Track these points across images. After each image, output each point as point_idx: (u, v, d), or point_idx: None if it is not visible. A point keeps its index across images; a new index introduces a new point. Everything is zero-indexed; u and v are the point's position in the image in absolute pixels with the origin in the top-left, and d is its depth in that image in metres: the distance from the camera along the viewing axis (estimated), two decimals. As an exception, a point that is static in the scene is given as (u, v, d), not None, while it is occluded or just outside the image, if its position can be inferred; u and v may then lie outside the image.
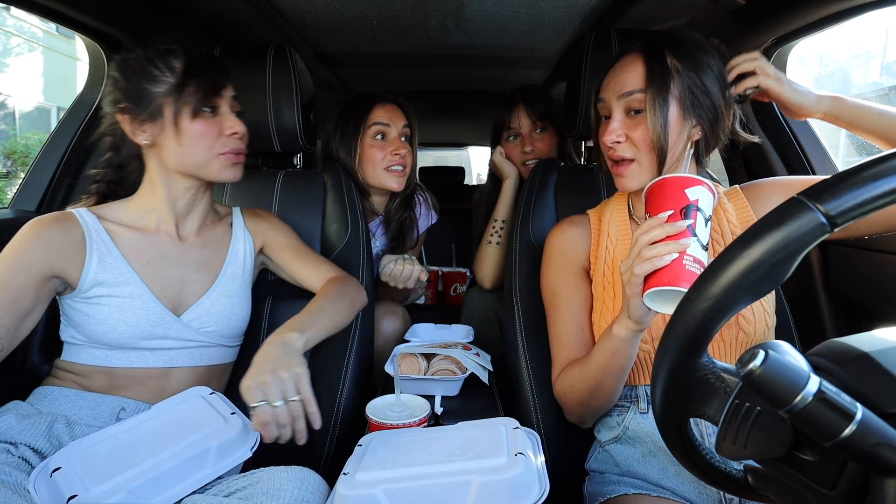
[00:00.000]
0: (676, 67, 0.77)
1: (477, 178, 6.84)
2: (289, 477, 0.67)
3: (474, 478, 0.60)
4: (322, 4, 1.18)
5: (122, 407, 0.83)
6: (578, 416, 0.87)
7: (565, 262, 0.91)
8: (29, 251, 0.78)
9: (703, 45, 0.80)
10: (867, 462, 0.32)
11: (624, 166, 0.82)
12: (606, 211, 0.92)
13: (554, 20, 1.28)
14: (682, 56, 0.78)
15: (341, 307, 0.91)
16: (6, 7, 3.19)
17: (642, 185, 0.80)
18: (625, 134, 0.80)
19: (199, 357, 0.89)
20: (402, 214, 1.42)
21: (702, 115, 0.78)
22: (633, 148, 0.80)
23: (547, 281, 0.93)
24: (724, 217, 0.85)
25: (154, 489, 0.68)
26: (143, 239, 0.88)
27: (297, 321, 0.84)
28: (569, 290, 0.90)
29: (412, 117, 1.37)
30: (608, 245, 0.89)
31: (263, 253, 1.02)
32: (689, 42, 0.80)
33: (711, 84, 0.78)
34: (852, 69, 7.04)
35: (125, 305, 0.82)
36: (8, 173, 8.38)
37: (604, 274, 0.88)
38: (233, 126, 0.87)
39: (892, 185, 0.34)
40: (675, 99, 0.77)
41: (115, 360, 0.83)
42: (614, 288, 0.86)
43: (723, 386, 0.41)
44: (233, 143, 0.87)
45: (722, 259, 0.38)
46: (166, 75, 0.82)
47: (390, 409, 0.87)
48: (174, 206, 0.90)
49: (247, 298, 0.97)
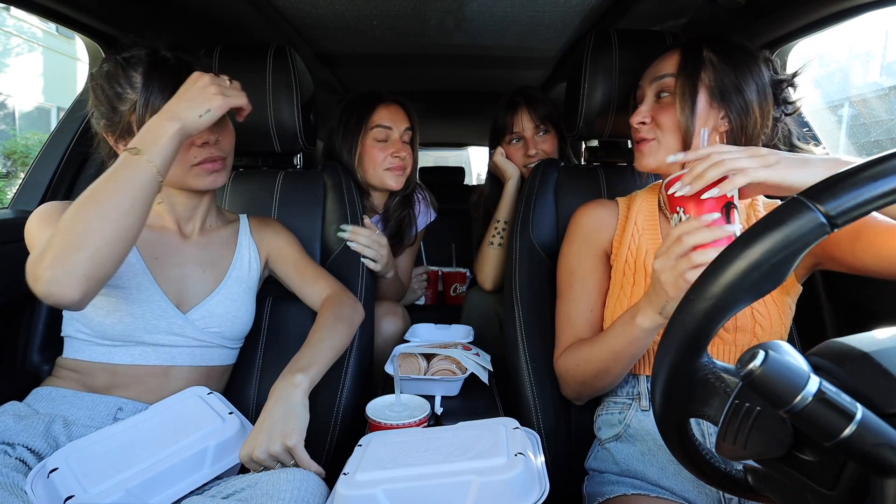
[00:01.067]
0: (711, 59, 0.81)
1: (477, 178, 6.84)
2: (288, 478, 0.67)
3: (474, 478, 0.60)
4: (322, 4, 1.18)
5: (120, 407, 0.83)
6: (576, 394, 0.87)
7: (588, 241, 0.92)
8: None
9: (746, 49, 0.82)
10: (867, 462, 0.32)
11: (644, 144, 0.85)
12: (637, 200, 0.93)
13: (554, 20, 1.27)
14: (720, 52, 0.81)
15: (341, 331, 0.92)
16: (6, 7, 3.20)
17: (659, 163, 0.83)
18: (651, 116, 0.84)
19: (200, 357, 0.89)
20: (401, 212, 1.42)
21: (731, 108, 0.80)
22: (657, 130, 0.83)
23: (565, 258, 0.94)
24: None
25: (152, 489, 0.68)
26: (150, 233, 0.88)
27: (301, 357, 0.85)
28: (587, 270, 0.91)
29: (414, 119, 1.37)
30: (634, 234, 0.89)
31: (268, 263, 1.03)
32: (731, 43, 0.83)
33: (746, 84, 0.79)
34: (852, 69, 7.05)
35: (132, 297, 0.82)
36: (8, 173, 8.38)
37: (626, 261, 0.88)
38: (201, 136, 0.82)
39: (892, 185, 0.34)
40: (705, 87, 0.80)
41: (118, 357, 0.83)
42: (634, 276, 0.86)
43: (723, 386, 0.41)
44: (204, 153, 0.84)
45: (722, 259, 0.38)
46: (127, 92, 0.79)
47: (390, 409, 0.87)
48: (174, 210, 0.91)
49: (251, 303, 0.97)
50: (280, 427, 0.75)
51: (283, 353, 1.05)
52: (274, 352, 1.05)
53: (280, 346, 1.06)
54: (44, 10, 1.01)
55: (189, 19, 1.26)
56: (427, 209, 1.52)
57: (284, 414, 0.76)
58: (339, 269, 1.11)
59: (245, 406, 1.01)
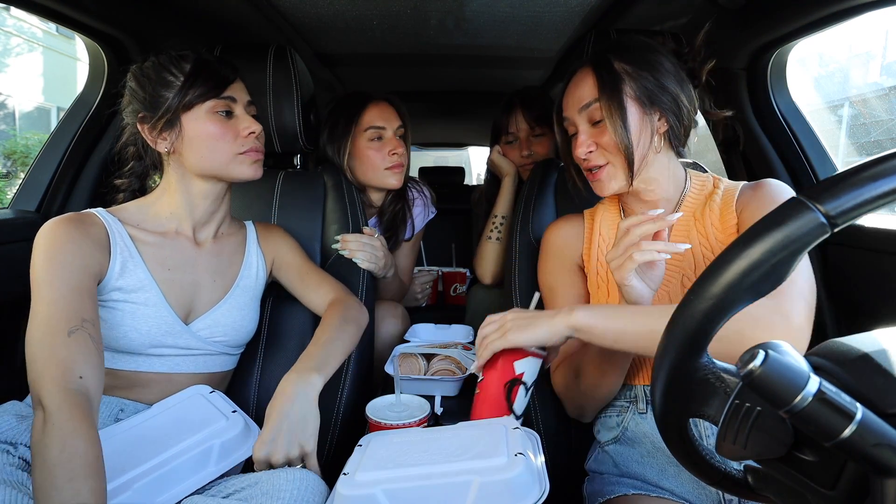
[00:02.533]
0: (626, 70, 0.79)
1: (477, 178, 6.83)
2: (287, 478, 0.67)
3: (474, 478, 0.60)
4: (322, 4, 1.18)
5: (122, 408, 0.83)
6: (578, 410, 0.88)
7: (560, 257, 0.93)
8: (80, 252, 0.76)
9: (649, 45, 0.82)
10: (867, 462, 0.32)
11: (599, 172, 0.83)
12: (599, 211, 0.94)
13: (554, 20, 1.28)
14: (630, 59, 0.80)
15: (349, 332, 0.92)
16: (6, 7, 3.20)
17: (620, 186, 0.83)
18: (594, 143, 0.82)
19: (202, 364, 0.89)
20: (395, 206, 1.42)
21: (664, 108, 0.79)
22: (605, 153, 0.82)
23: (543, 276, 0.95)
24: (708, 219, 0.83)
25: (158, 488, 0.68)
26: (164, 244, 0.88)
27: (314, 356, 0.84)
28: (564, 285, 0.91)
29: (405, 115, 1.37)
30: (600, 244, 0.90)
31: (273, 268, 1.03)
32: (634, 45, 0.82)
33: (666, 79, 0.79)
34: (852, 69, 7.05)
35: (139, 313, 0.82)
36: (8, 173, 8.38)
37: (597, 272, 0.89)
38: (249, 126, 0.88)
39: (892, 185, 0.34)
40: (632, 99, 0.79)
41: (121, 363, 0.83)
42: (608, 286, 0.87)
43: (723, 386, 0.41)
44: (251, 143, 0.88)
45: (722, 259, 0.38)
46: (178, 79, 0.83)
47: (390, 410, 0.87)
48: (193, 213, 0.90)
49: (256, 311, 0.97)
50: (300, 432, 0.75)
51: (283, 354, 1.05)
52: (274, 352, 1.05)
53: (280, 346, 1.06)
54: (44, 10, 1.01)
55: (189, 19, 1.26)
56: (426, 206, 1.52)
57: (302, 417, 0.76)
58: (339, 270, 1.11)
59: (245, 406, 1.01)
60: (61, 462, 0.58)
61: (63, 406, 0.61)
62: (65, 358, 0.65)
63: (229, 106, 0.87)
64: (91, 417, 0.63)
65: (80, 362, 0.66)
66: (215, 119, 0.85)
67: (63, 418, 0.61)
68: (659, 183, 0.84)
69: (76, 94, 1.24)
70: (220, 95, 0.85)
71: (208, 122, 0.84)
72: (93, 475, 0.59)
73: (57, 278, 0.71)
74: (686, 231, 0.84)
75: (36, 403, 0.63)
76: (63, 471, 0.58)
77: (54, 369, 0.64)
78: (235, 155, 0.87)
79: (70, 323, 0.68)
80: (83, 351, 0.67)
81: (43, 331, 0.68)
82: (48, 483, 0.57)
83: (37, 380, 0.64)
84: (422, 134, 3.13)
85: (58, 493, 0.56)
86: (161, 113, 0.83)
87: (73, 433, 0.60)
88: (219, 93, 0.85)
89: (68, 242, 0.75)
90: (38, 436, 0.61)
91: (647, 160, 0.81)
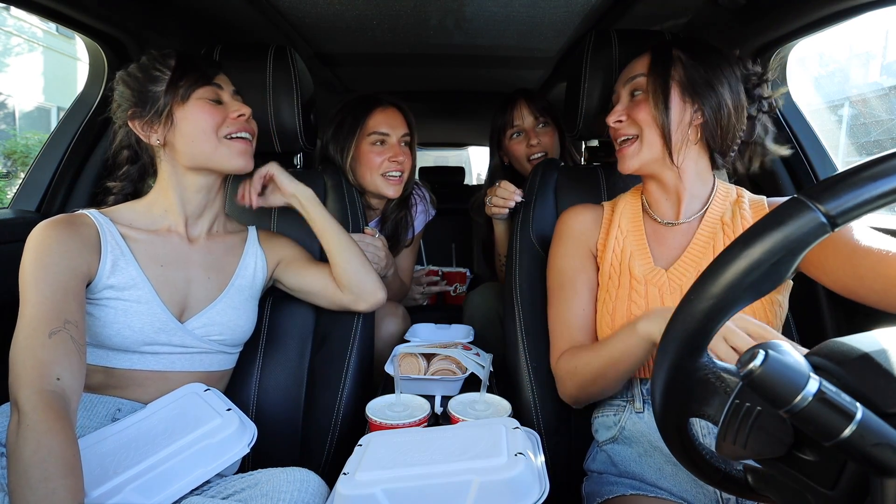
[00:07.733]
0: (680, 57, 0.83)
1: (477, 177, 6.83)
2: (287, 478, 0.67)
3: (474, 478, 0.60)
4: (322, 4, 1.18)
5: (118, 408, 0.83)
6: (573, 398, 0.88)
7: (575, 242, 0.93)
8: (68, 253, 0.76)
9: (715, 49, 0.85)
10: (867, 462, 0.32)
11: (626, 146, 0.87)
12: (620, 203, 0.94)
13: (554, 20, 1.27)
14: (690, 51, 0.84)
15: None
16: (6, 7, 3.20)
17: (641, 164, 0.85)
18: (626, 113, 0.87)
19: (199, 363, 0.89)
20: (398, 214, 1.42)
21: (703, 102, 0.81)
22: (636, 126, 0.85)
23: (554, 260, 0.94)
24: (739, 223, 0.85)
25: (154, 488, 0.68)
26: (156, 241, 0.88)
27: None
28: (576, 269, 0.91)
29: (412, 123, 1.36)
30: (618, 236, 0.90)
31: (278, 270, 1.02)
32: (700, 43, 0.85)
33: (717, 79, 0.81)
34: (852, 69, 7.05)
35: (132, 310, 0.81)
36: (8, 173, 8.38)
37: (611, 264, 0.89)
38: (238, 109, 0.89)
39: (892, 185, 0.34)
40: (676, 83, 0.82)
41: (115, 361, 0.83)
42: (619, 278, 0.87)
43: (723, 386, 0.41)
44: (239, 125, 0.90)
45: (722, 259, 0.38)
46: (165, 73, 0.86)
47: (390, 409, 0.87)
48: (185, 208, 0.91)
49: (253, 311, 0.97)
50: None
51: (282, 354, 1.05)
52: (274, 352, 1.05)
53: (280, 346, 1.06)
54: (44, 10, 1.01)
55: (189, 19, 1.26)
56: (426, 207, 1.52)
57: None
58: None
59: (245, 405, 1.01)
60: (35, 462, 0.58)
61: (38, 406, 0.61)
62: (43, 359, 0.65)
63: (217, 94, 0.89)
64: (67, 417, 0.63)
65: (59, 364, 0.66)
66: (206, 105, 0.87)
67: (37, 418, 0.60)
68: (687, 175, 0.85)
69: (76, 94, 1.24)
70: (208, 82, 0.88)
71: (198, 110, 0.86)
72: (69, 474, 0.59)
73: (42, 280, 0.71)
74: (711, 235, 0.85)
75: (13, 404, 0.63)
76: (37, 470, 0.57)
77: (32, 370, 0.64)
78: (222, 139, 0.88)
79: (52, 324, 0.68)
80: (63, 352, 0.67)
81: (26, 332, 0.68)
82: (22, 483, 0.57)
83: (14, 381, 0.64)
84: (422, 134, 3.10)
85: (32, 493, 0.56)
86: (151, 105, 0.85)
87: (47, 433, 0.60)
88: (207, 80, 0.88)
89: (56, 244, 0.75)
90: (12, 437, 0.60)
91: (677, 147, 0.83)
